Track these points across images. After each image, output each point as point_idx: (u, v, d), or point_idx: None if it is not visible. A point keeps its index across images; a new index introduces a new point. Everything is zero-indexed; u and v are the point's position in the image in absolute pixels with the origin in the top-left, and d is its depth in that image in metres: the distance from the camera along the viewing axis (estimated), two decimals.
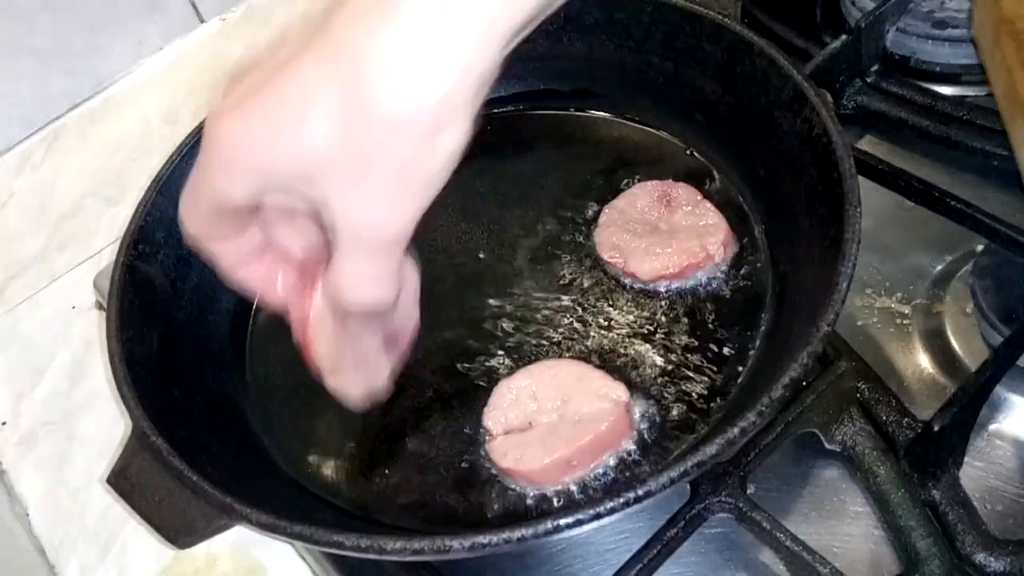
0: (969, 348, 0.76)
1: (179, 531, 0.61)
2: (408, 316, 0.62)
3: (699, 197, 0.80)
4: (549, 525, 0.55)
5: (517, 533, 0.55)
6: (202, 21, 1.26)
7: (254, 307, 0.84)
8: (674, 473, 0.55)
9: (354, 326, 0.58)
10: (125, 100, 1.19)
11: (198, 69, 1.21)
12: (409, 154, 0.49)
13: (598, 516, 0.55)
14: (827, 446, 0.72)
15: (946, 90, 0.94)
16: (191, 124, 0.85)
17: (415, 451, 0.73)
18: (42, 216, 1.10)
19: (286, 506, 0.68)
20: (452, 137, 0.49)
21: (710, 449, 0.56)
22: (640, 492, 0.55)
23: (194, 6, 1.25)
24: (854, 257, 0.62)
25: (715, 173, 0.85)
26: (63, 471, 0.88)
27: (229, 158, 0.51)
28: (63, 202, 1.11)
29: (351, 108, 0.47)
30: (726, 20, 0.79)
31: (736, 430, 0.56)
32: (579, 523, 0.55)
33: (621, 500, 0.55)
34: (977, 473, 0.71)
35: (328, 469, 0.74)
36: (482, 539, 0.55)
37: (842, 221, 0.64)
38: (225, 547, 0.80)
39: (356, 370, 0.62)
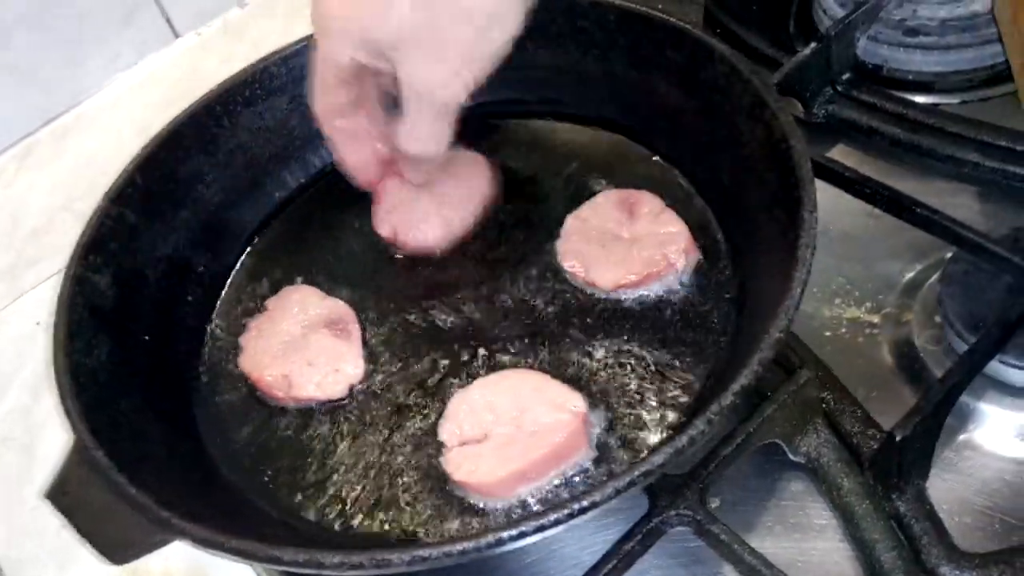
0: (937, 358, 0.75)
1: (116, 546, 0.59)
2: None
3: (662, 205, 0.79)
4: (491, 539, 0.53)
5: (458, 547, 0.53)
6: (177, 36, 1.26)
7: (212, 323, 0.83)
8: (619, 483, 0.54)
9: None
10: (99, 115, 1.19)
11: (172, 83, 1.21)
12: (471, 36, 0.67)
13: (541, 528, 0.53)
14: (791, 457, 0.70)
15: (919, 98, 0.94)
16: None
17: (370, 464, 0.72)
18: (13, 231, 1.09)
19: (236, 522, 0.66)
20: (506, 26, 0.68)
21: (657, 458, 0.55)
22: (584, 503, 0.54)
23: (169, 21, 1.24)
24: (808, 263, 0.61)
25: (680, 180, 0.84)
26: (23, 488, 0.87)
27: (337, 28, 0.69)
28: (34, 217, 1.10)
29: None
30: (687, 26, 0.78)
31: (684, 439, 0.55)
32: (522, 535, 0.53)
33: (565, 512, 0.54)
34: (946, 484, 0.69)
35: (282, 484, 0.72)
36: (422, 553, 0.54)
37: (798, 226, 0.62)
38: (181, 564, 0.78)
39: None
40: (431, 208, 0.83)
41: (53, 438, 0.89)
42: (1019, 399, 0.72)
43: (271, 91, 0.89)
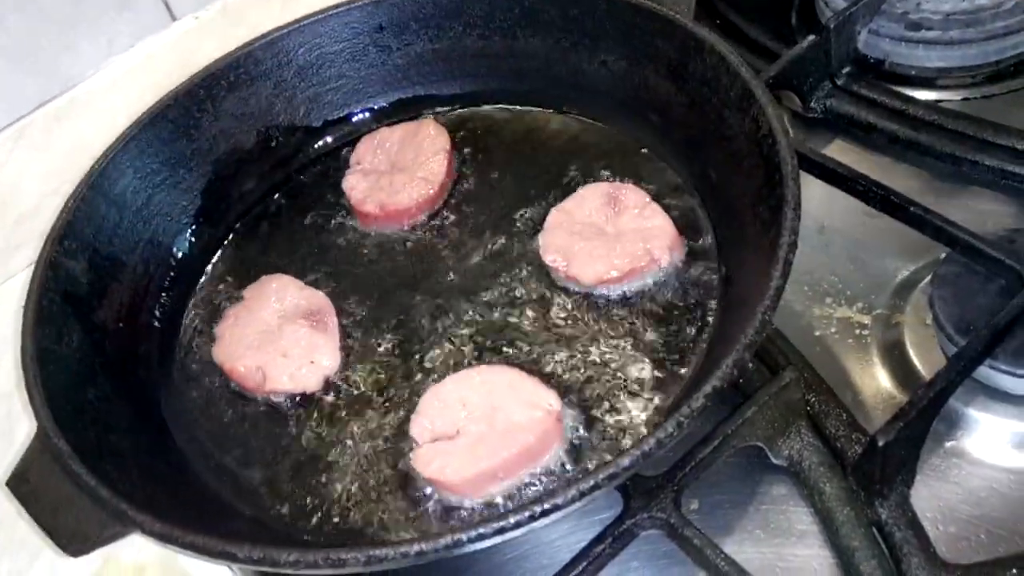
0: (927, 361, 0.73)
1: (72, 538, 0.58)
2: None
3: (647, 199, 0.77)
4: (448, 540, 0.52)
5: (415, 548, 0.52)
6: (174, 19, 1.24)
7: (188, 312, 0.82)
8: (583, 486, 0.52)
9: None
10: (94, 99, 1.17)
11: (169, 68, 1.19)
12: None
13: (501, 531, 0.52)
14: (773, 460, 0.69)
15: (922, 94, 0.91)
16: None
17: (341, 460, 0.71)
18: (2, 215, 1.08)
19: (202, 516, 0.65)
20: None
21: (623, 461, 0.53)
22: (546, 506, 0.52)
23: (166, 4, 1.22)
24: (788, 263, 0.59)
25: (668, 174, 0.82)
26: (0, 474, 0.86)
27: None
28: (24, 201, 1.09)
29: None
30: (677, 16, 0.76)
31: (652, 442, 0.53)
32: (480, 538, 0.52)
33: (526, 515, 0.52)
34: (931, 492, 0.68)
35: (251, 478, 0.71)
36: (378, 553, 0.52)
37: (779, 224, 0.61)
38: (154, 556, 0.77)
39: None
40: (406, 176, 0.85)
41: (33, 425, 0.88)
42: (1010, 405, 0.70)
43: (255, 76, 0.88)
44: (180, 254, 0.84)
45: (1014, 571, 0.61)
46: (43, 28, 1.12)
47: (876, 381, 0.74)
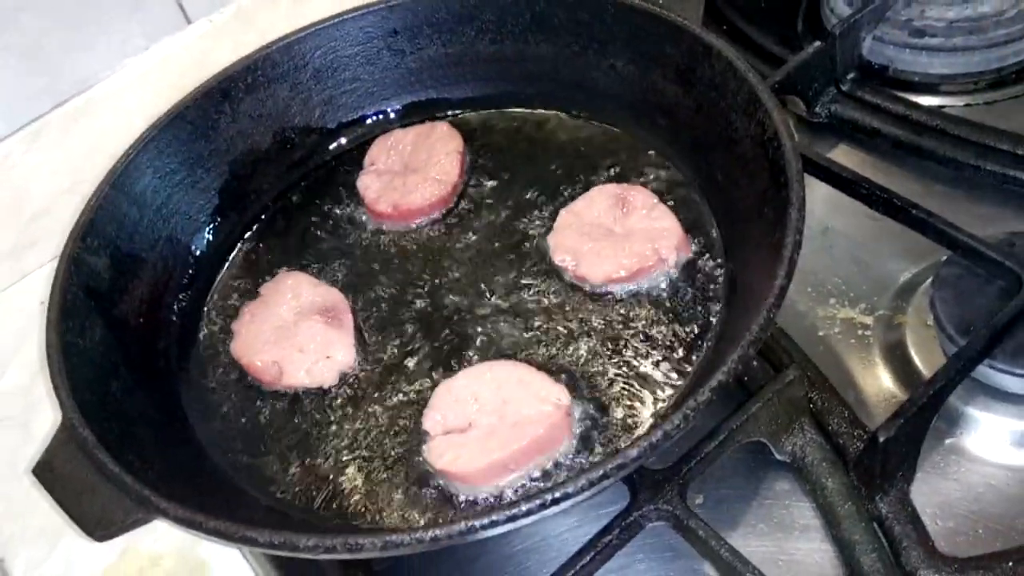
0: (929, 361, 0.75)
1: (97, 523, 0.60)
2: None
3: (655, 200, 0.79)
4: (462, 527, 0.54)
5: (429, 534, 0.54)
6: (189, 22, 1.26)
7: (206, 307, 0.84)
8: (592, 476, 0.54)
9: None
10: (109, 100, 1.19)
11: (183, 69, 1.21)
12: None
13: (513, 519, 0.54)
14: (777, 456, 0.70)
15: (925, 100, 0.93)
16: None
17: (356, 452, 0.72)
18: (17, 213, 1.10)
19: (221, 504, 0.67)
20: None
21: (631, 452, 0.55)
22: (557, 495, 0.54)
23: (181, 6, 1.24)
24: (792, 263, 0.61)
25: (675, 176, 0.83)
26: (18, 466, 0.87)
27: None
28: (39, 200, 1.11)
29: None
30: (685, 22, 0.78)
31: (659, 434, 0.55)
32: (493, 525, 0.54)
33: (537, 503, 0.54)
34: (931, 488, 0.69)
35: (268, 469, 0.73)
36: (395, 539, 0.54)
37: (784, 226, 0.62)
38: (170, 546, 0.79)
39: None
40: (419, 176, 0.87)
41: (50, 417, 0.90)
42: (1009, 404, 0.72)
43: (272, 79, 0.89)
44: (198, 251, 0.86)
45: (1010, 564, 0.63)
46: (57, 29, 1.13)
47: (878, 380, 0.76)
